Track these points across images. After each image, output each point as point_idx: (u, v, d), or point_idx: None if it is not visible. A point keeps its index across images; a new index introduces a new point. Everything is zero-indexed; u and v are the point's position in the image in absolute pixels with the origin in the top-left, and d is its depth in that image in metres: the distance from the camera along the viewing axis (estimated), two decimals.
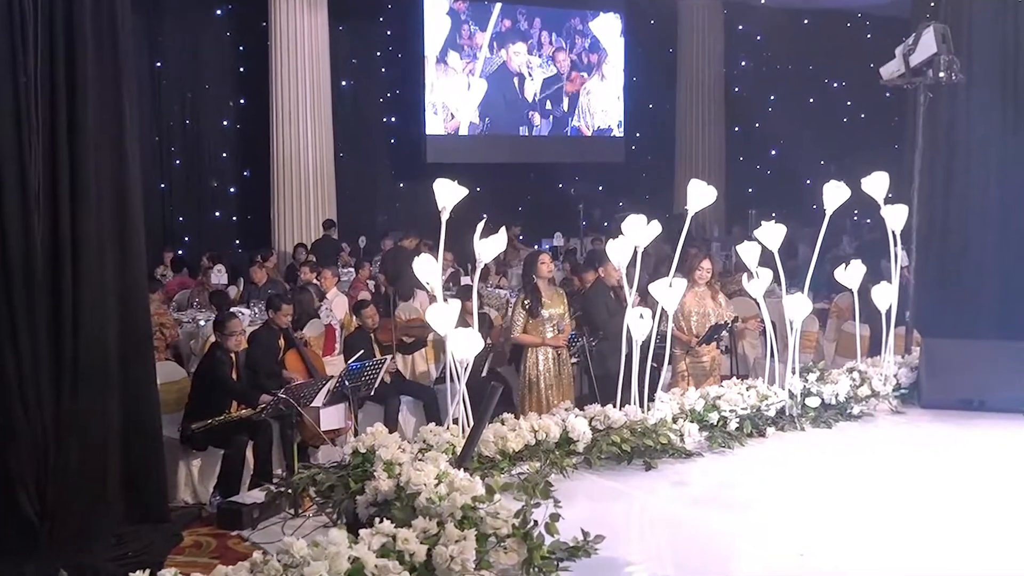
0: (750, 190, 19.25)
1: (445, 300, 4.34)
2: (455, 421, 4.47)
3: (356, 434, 6.26)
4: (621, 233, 5.16)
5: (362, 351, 6.77)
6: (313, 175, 14.45)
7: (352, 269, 12.23)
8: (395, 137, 18.28)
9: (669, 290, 5.04)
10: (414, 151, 17.63)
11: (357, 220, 16.35)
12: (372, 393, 6.59)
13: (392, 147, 18.25)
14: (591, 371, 6.27)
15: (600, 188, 19.38)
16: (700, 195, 5.05)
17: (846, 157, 15.73)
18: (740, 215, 17.03)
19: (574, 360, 6.90)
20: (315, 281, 9.86)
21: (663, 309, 5.22)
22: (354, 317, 7.78)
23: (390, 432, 4.36)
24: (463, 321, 4.61)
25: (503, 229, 4.43)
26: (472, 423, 4.38)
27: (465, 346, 4.25)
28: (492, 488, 3.50)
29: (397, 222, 17.09)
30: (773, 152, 19.78)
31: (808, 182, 16.36)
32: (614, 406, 5.00)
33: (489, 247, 4.39)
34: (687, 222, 5.18)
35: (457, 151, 17.20)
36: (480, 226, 4.38)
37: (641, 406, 5.07)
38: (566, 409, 5.00)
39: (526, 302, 6.35)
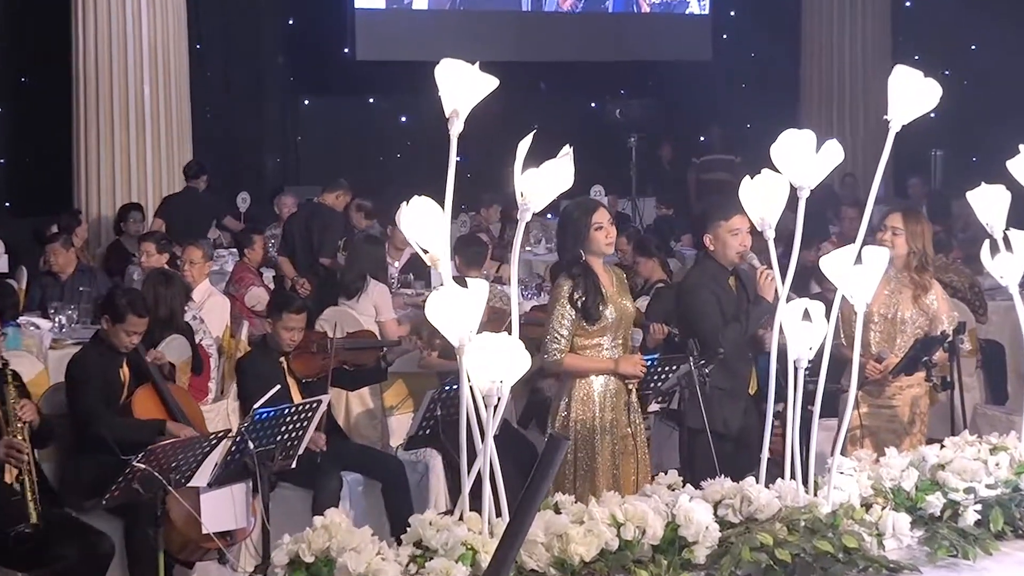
0: (932, 114, 19.31)
1: (462, 281, 4.26)
2: (473, 505, 4.40)
3: (267, 539, 6.26)
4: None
5: (278, 386, 6.80)
6: (151, 85, 14.44)
7: (231, 250, 12.26)
8: (296, 15, 18.22)
9: (859, 270, 4.99)
10: (331, 41, 17.59)
11: (232, 164, 16.34)
12: (294, 465, 6.63)
13: (291, 33, 18.21)
14: (704, 421, 6.25)
15: (667, 108, 19.41)
16: (912, 90, 5.01)
17: None
18: (916, 160, 17.11)
19: (656, 404, 6.92)
20: (166, 267, 9.84)
21: (842, 307, 5.18)
22: (257, 324, 7.77)
23: None
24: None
25: (567, 150, 4.36)
26: (506, 509, 4.32)
27: (501, 364, 4.18)
28: None
29: (302, 167, 17.09)
30: (973, 47, 19.84)
31: None
32: (757, 480, 4.95)
33: (544, 183, 4.32)
34: (888, 143, 5.13)
35: (409, 41, 17.22)
36: (525, 145, 4.30)
37: (805, 481, 5.01)
38: (670, 487, 4.94)
39: (577, 295, 6.38)
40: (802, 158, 5.02)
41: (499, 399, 4.28)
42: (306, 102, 18.38)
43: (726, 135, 17.93)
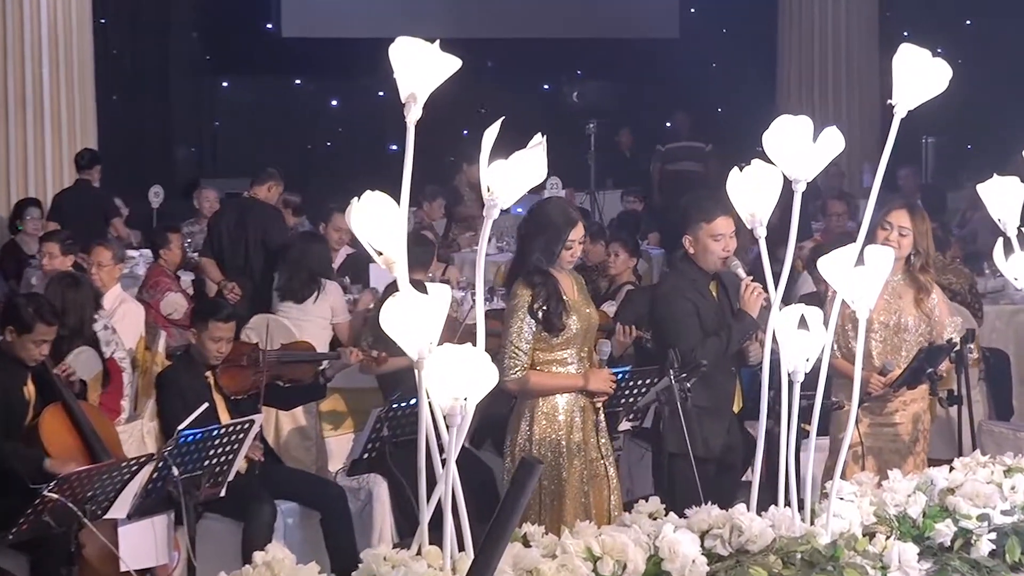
0: None
1: (419, 287, 4.24)
2: (432, 537, 4.37)
3: None
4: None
5: (205, 404, 6.76)
6: (51, 65, 14.40)
7: (143, 251, 12.27)
8: None
9: (862, 271, 4.98)
10: (252, 15, 17.56)
11: (141, 154, 16.23)
12: (223, 493, 6.63)
13: (207, 6, 18.13)
14: (688, 445, 6.22)
15: (629, 91, 19.46)
16: (918, 72, 5.03)
17: None
18: (906, 148, 17.16)
19: (627, 423, 6.92)
20: (73, 270, 9.77)
21: (842, 313, 5.17)
22: (175, 334, 7.71)
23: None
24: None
25: (539, 139, 4.34)
26: (469, 541, 4.31)
27: (464, 379, 4.16)
28: None
29: (220, 158, 17.01)
30: (968, 22, 20.03)
31: None
32: (747, 507, 4.94)
33: (514, 176, 4.29)
34: (892, 131, 5.14)
35: (340, 17, 17.23)
36: (491, 134, 4.27)
37: (801, 507, 5.01)
38: (651, 515, 4.93)
39: (537, 305, 6.39)
40: (797, 147, 5.01)
41: (462, 419, 4.26)
42: (224, 84, 18.31)
43: (694, 121, 17.86)
